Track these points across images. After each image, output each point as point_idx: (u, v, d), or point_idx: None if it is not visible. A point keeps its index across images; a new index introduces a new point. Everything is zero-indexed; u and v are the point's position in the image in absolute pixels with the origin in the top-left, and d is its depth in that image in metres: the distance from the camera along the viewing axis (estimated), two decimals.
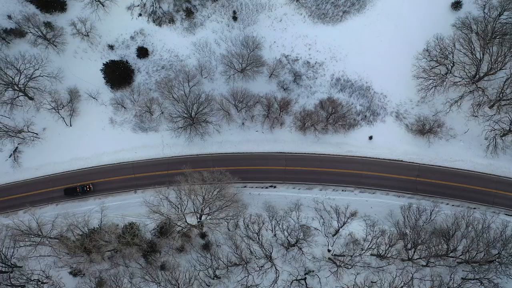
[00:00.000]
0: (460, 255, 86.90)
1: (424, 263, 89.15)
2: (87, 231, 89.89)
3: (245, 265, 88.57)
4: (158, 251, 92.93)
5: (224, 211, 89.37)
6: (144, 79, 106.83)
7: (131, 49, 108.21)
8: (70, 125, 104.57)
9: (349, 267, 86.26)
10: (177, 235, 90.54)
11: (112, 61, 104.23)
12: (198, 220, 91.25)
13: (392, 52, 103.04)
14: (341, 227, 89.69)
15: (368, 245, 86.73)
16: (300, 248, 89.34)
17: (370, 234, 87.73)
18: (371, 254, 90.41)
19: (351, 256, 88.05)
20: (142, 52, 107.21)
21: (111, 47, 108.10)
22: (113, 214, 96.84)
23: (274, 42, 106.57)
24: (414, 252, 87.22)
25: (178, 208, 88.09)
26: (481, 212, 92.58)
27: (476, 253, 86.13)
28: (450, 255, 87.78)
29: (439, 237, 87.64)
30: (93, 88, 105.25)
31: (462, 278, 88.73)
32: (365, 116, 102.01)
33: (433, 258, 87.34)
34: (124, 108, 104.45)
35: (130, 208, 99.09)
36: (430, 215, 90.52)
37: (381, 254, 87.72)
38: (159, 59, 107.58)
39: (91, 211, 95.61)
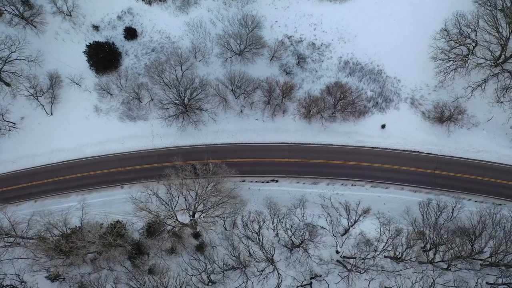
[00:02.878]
0: (487, 258, 77.09)
1: (445, 266, 79.43)
2: (66, 231, 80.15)
3: (243, 269, 79.79)
4: (146, 253, 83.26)
5: (220, 208, 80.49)
6: (132, 63, 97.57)
7: (118, 30, 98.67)
8: (51, 114, 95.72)
9: (362, 271, 76.39)
10: (167, 235, 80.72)
11: (96, 42, 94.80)
12: (191, 218, 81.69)
13: (406, 32, 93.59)
14: (352, 225, 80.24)
15: (384, 246, 76.92)
16: (306, 250, 79.87)
17: (385, 233, 78.02)
18: (385, 256, 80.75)
19: (363, 259, 78.32)
20: (130, 33, 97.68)
21: (96, 27, 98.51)
22: (97, 212, 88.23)
23: (276, 21, 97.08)
24: (435, 254, 77.34)
25: (168, 205, 78.78)
26: (509, 208, 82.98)
27: (505, 255, 76.44)
28: (476, 257, 77.89)
29: (462, 237, 77.82)
30: (76, 73, 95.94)
31: (487, 283, 79.25)
32: (377, 102, 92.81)
33: (456, 260, 77.46)
34: (110, 94, 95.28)
35: (116, 205, 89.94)
36: (452, 212, 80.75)
37: (398, 257, 77.73)
38: (149, 41, 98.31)
39: (70, 208, 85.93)
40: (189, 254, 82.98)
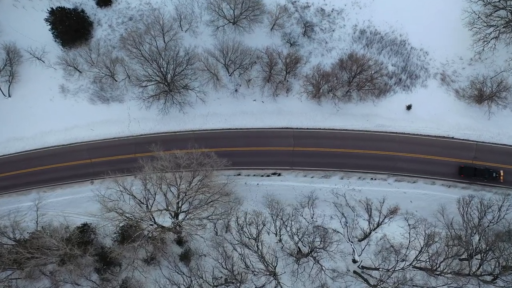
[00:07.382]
0: None
1: (490, 279, 65.09)
2: (15, 236, 65.33)
3: (238, 285, 66.98)
4: (117, 264, 68.58)
5: (209, 208, 69.20)
6: (106, 34, 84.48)
7: None
8: (8, 95, 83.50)
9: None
10: (141, 241, 65.96)
11: (61, 8, 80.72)
12: (173, 220, 67.32)
13: None
14: (374, 229, 65.83)
15: (417, 255, 62.28)
16: (317, 260, 65.22)
17: (417, 238, 63.65)
18: (414, 267, 65.78)
19: (388, 270, 63.50)
20: None
21: None
22: (58, 213, 76.13)
23: None
24: (481, 265, 62.35)
25: (144, 204, 64.54)
26: None
27: None
28: None
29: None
30: (38, 46, 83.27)
31: None
32: (400, 79, 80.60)
33: (506, 272, 63.15)
34: (79, 71, 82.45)
35: (85, 204, 77.68)
36: (499, 211, 67.44)
37: (434, 268, 62.60)
38: (126, 8, 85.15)
39: (21, 208, 72.03)
40: (170, 265, 70.08)
